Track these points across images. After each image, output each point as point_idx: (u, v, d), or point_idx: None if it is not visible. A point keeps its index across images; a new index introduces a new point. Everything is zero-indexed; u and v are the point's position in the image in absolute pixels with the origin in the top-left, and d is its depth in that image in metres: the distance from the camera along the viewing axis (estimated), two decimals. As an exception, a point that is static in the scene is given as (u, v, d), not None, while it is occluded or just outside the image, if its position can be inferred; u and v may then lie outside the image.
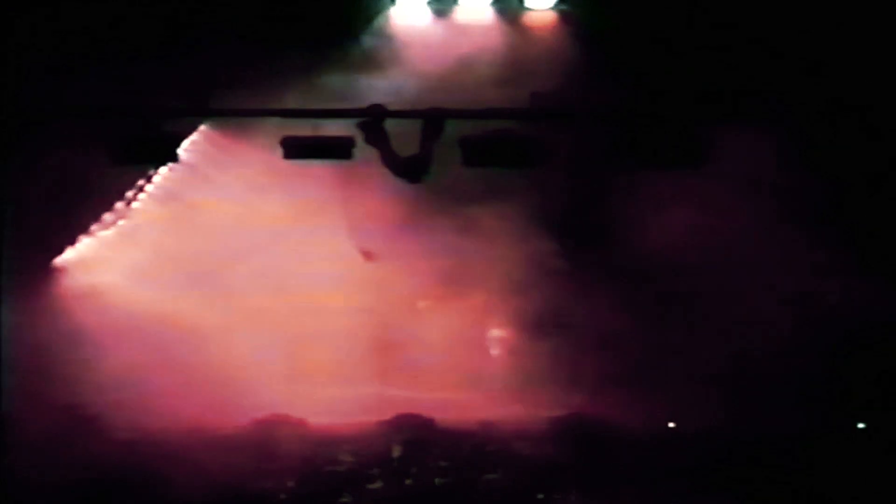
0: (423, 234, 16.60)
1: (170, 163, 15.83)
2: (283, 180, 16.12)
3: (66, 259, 17.12)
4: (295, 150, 14.58)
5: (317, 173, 15.89)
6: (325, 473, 15.57)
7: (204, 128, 16.91)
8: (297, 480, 15.43)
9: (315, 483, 15.40)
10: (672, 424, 16.62)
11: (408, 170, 14.65)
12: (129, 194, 17.27)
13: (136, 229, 17.32)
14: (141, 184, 17.26)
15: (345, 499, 15.15)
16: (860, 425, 16.26)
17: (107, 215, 17.25)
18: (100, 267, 17.18)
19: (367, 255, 17.25)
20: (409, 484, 15.52)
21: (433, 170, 14.61)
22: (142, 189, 17.31)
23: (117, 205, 17.26)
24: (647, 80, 15.63)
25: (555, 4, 16.48)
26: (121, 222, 17.32)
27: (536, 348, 17.09)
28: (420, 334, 17.01)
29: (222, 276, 16.76)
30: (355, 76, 16.25)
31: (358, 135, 14.47)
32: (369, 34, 16.54)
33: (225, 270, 16.78)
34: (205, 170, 16.99)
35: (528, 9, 16.56)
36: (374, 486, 15.43)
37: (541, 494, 15.04)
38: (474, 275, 16.84)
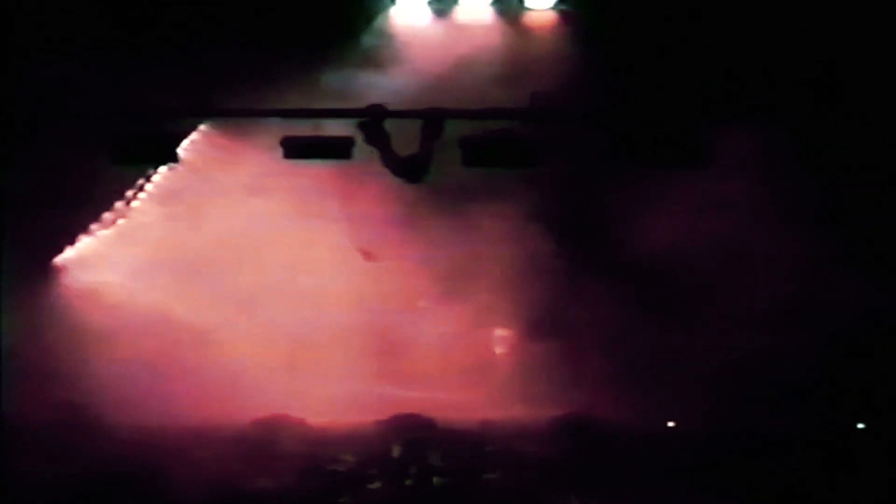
0: (423, 234, 16.61)
1: (170, 163, 15.84)
2: (283, 180, 16.14)
3: (66, 258, 17.14)
4: (295, 150, 14.56)
5: (317, 173, 15.91)
6: (325, 473, 15.55)
7: (204, 128, 16.92)
8: (296, 480, 15.42)
9: (315, 483, 15.38)
10: (672, 424, 16.63)
11: (408, 170, 14.63)
12: (129, 194, 17.27)
13: (136, 229, 17.34)
14: (141, 183, 17.28)
15: (344, 499, 15.14)
16: (860, 425, 16.27)
17: (107, 215, 17.28)
18: (100, 266, 17.20)
19: (367, 255, 17.25)
20: (408, 484, 15.50)
21: (433, 170, 14.59)
22: (142, 189, 17.32)
23: (117, 204, 17.27)
24: (647, 80, 15.62)
25: (555, 4, 16.49)
26: (121, 222, 17.34)
27: (536, 348, 17.11)
28: (420, 334, 17.02)
29: (222, 275, 16.78)
30: (355, 76, 16.27)
31: (358, 135, 14.46)
32: (369, 34, 16.55)
33: (225, 270, 16.80)
34: (205, 170, 16.99)
35: (528, 9, 16.57)
36: (373, 486, 15.40)
37: (541, 494, 15.04)
38: (474, 275, 16.84)
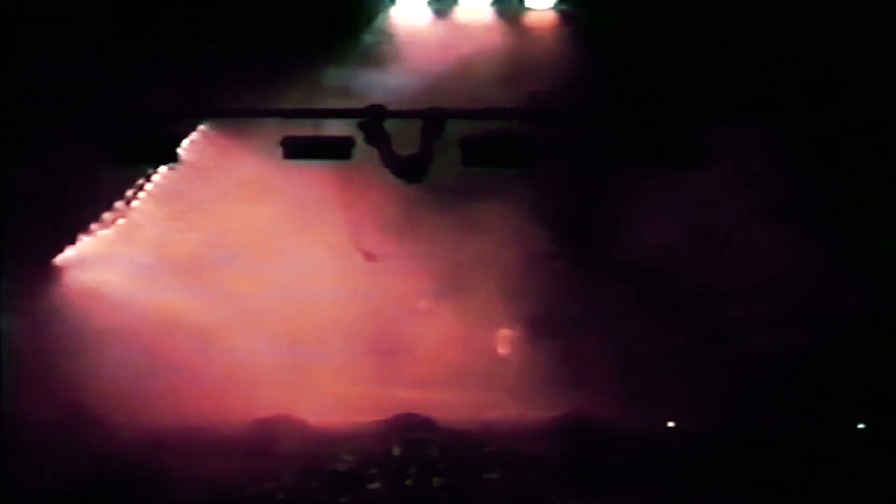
0: (423, 234, 16.60)
1: (170, 163, 15.85)
2: (283, 180, 16.13)
3: (66, 258, 17.12)
4: (295, 150, 14.56)
5: (317, 173, 15.91)
6: (325, 473, 15.57)
7: (204, 128, 16.91)
8: (296, 480, 15.43)
9: (315, 483, 15.40)
10: (672, 424, 16.63)
11: (408, 170, 14.63)
12: (129, 194, 17.27)
13: (137, 229, 17.32)
14: (141, 183, 17.27)
15: (344, 499, 15.15)
16: (860, 425, 16.27)
17: (107, 214, 17.25)
18: (100, 266, 17.18)
19: (367, 255, 17.25)
20: (408, 484, 15.52)
21: (433, 170, 14.59)
22: (142, 188, 17.31)
23: (117, 204, 17.25)
24: (647, 80, 15.60)
25: (555, 4, 16.46)
26: (121, 221, 17.32)
27: (536, 348, 17.10)
28: (420, 334, 17.02)
29: (222, 275, 16.78)
30: (355, 76, 16.26)
31: (358, 135, 14.46)
32: (369, 34, 16.53)
33: (225, 270, 16.80)
34: (205, 170, 16.99)
35: (528, 9, 16.53)
36: (373, 486, 15.42)
37: (541, 494, 15.04)
38: (474, 275, 16.83)
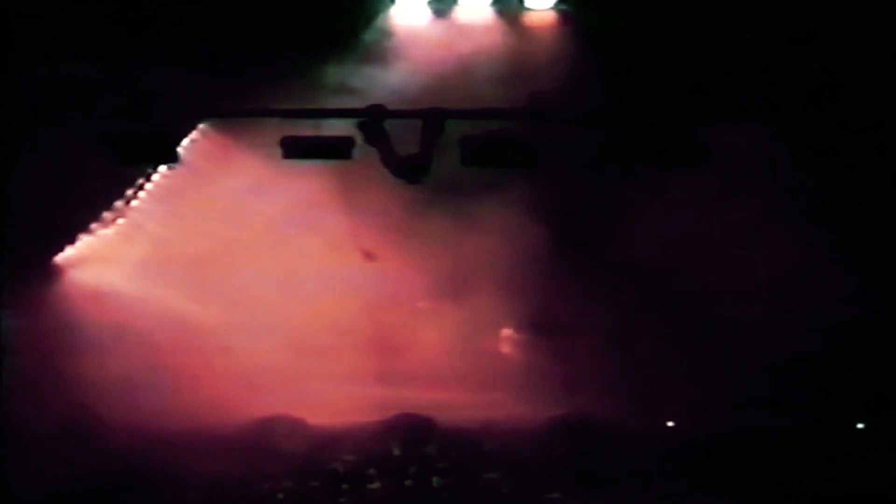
0: (423, 235, 16.59)
1: (170, 163, 15.86)
2: (283, 180, 16.13)
3: (66, 257, 17.12)
4: (295, 149, 14.56)
5: (317, 173, 15.91)
6: (325, 473, 15.58)
7: (204, 128, 16.91)
8: (296, 480, 15.44)
9: (315, 483, 15.41)
10: (672, 424, 16.64)
11: (408, 170, 14.61)
12: (129, 193, 17.27)
13: (137, 228, 17.32)
14: (141, 183, 17.27)
15: (344, 499, 15.16)
16: (860, 425, 16.28)
17: (107, 214, 17.25)
18: (100, 265, 17.19)
19: (367, 255, 17.26)
20: (408, 484, 15.53)
21: (433, 170, 14.59)
22: (142, 188, 17.31)
23: (117, 203, 17.25)
24: (647, 80, 15.60)
25: (555, 4, 16.45)
26: (121, 221, 17.32)
27: (536, 348, 17.12)
28: (420, 334, 17.02)
29: (222, 275, 16.78)
30: (355, 76, 16.26)
31: (358, 135, 14.47)
32: (369, 34, 16.53)
33: (225, 270, 16.80)
34: (205, 170, 16.98)
35: (528, 9, 16.52)
36: (373, 486, 15.44)
37: (541, 494, 15.05)
38: (474, 275, 16.82)
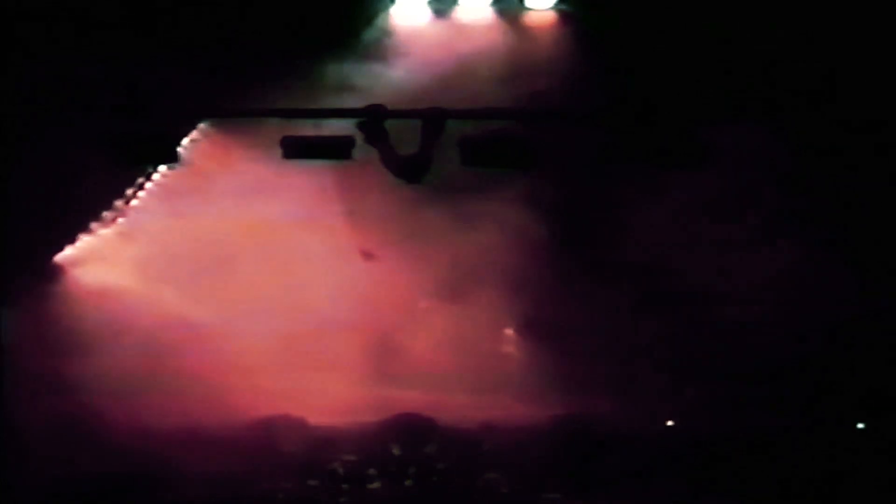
0: (423, 234, 16.57)
1: (170, 163, 15.86)
2: (283, 180, 16.12)
3: (66, 257, 17.13)
4: (295, 149, 14.54)
5: (317, 173, 15.91)
6: (324, 473, 15.59)
7: (204, 128, 16.91)
8: (296, 480, 15.45)
9: (315, 483, 15.42)
10: (671, 424, 16.65)
11: (408, 170, 14.61)
12: (129, 193, 17.27)
13: (137, 227, 17.33)
14: (141, 182, 17.28)
15: (344, 499, 15.17)
16: (860, 425, 16.29)
17: (107, 213, 17.26)
18: (100, 265, 17.19)
19: (366, 255, 17.25)
20: (408, 484, 15.54)
21: (433, 169, 14.59)
22: (142, 187, 17.32)
23: (117, 203, 17.26)
24: (647, 80, 15.61)
25: (555, 4, 16.44)
26: (121, 221, 17.33)
27: (536, 348, 17.11)
28: (420, 334, 17.01)
29: (222, 275, 16.76)
30: (355, 76, 16.26)
31: (358, 135, 14.46)
32: (369, 33, 16.52)
33: (224, 270, 16.78)
34: (205, 169, 16.98)
35: (528, 9, 16.51)
36: (373, 486, 15.46)
37: (541, 494, 15.06)
38: (475, 275, 16.82)
